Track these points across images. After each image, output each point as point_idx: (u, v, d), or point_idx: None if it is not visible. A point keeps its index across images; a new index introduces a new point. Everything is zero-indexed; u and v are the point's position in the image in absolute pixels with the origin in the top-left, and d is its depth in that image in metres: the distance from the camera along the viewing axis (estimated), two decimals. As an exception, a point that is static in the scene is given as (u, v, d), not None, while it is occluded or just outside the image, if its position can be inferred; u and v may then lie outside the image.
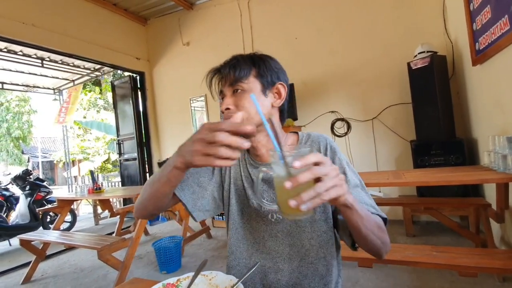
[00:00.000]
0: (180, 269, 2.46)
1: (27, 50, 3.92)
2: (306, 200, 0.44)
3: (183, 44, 4.38)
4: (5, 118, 11.14)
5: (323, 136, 0.79)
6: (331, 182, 0.45)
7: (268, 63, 0.75)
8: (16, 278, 2.71)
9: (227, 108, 0.72)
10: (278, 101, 0.77)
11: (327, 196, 0.45)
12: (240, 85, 0.71)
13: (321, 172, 0.45)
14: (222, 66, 0.74)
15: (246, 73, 0.72)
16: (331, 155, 0.74)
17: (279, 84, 0.76)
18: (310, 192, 0.44)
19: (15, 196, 4.32)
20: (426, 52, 2.51)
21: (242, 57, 0.74)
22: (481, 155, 2.24)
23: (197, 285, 0.60)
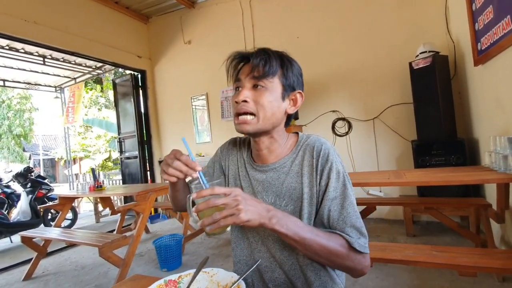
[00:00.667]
0: (181, 267, 2.47)
1: (28, 47, 3.93)
2: (206, 224, 0.55)
3: (184, 42, 4.39)
4: (7, 116, 11.17)
5: (319, 141, 0.74)
6: (227, 211, 0.54)
7: (294, 68, 0.74)
8: (17, 274, 2.73)
9: (244, 100, 0.70)
10: (293, 108, 0.76)
11: (223, 223, 0.54)
12: (265, 82, 0.69)
13: (215, 203, 0.55)
14: (253, 55, 0.71)
15: (275, 71, 0.70)
16: (322, 162, 0.70)
17: (297, 92, 0.75)
18: (208, 219, 0.55)
19: (17, 193, 4.34)
20: (428, 52, 2.50)
21: (273, 53, 0.72)
22: (482, 155, 2.24)
23: (198, 282, 0.61)
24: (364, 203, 2.36)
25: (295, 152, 0.75)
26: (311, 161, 0.71)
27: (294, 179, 0.72)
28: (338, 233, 0.64)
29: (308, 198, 0.69)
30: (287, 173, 0.73)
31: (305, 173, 0.71)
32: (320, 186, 0.69)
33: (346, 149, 3.24)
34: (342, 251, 0.62)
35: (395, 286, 1.79)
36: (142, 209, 2.47)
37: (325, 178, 0.68)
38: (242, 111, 0.70)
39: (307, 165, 0.72)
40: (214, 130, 4.27)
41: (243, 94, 0.70)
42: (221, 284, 0.59)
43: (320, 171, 0.69)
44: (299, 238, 0.59)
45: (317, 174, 0.70)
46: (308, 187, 0.70)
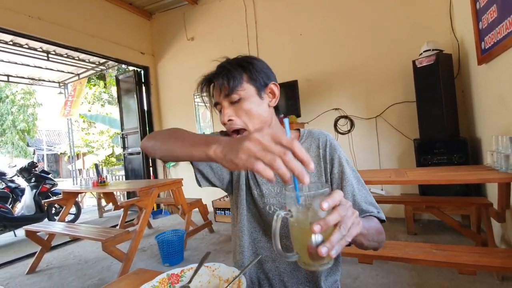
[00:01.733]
0: (183, 262, 2.50)
1: (32, 43, 3.95)
2: (335, 244, 0.40)
3: (187, 39, 4.38)
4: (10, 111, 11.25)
5: (323, 133, 0.79)
6: (350, 220, 0.43)
7: (256, 66, 0.74)
8: (21, 268, 2.77)
9: (229, 120, 0.72)
10: (274, 100, 0.77)
11: (349, 237, 0.42)
12: (237, 94, 0.71)
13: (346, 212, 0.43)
14: (214, 77, 0.74)
15: (239, 80, 0.71)
16: (330, 151, 0.75)
17: (272, 84, 0.76)
18: (337, 235, 0.41)
19: (21, 187, 4.39)
20: (432, 50, 2.49)
21: (230, 65, 0.73)
22: (484, 154, 2.23)
23: (200, 276, 0.62)
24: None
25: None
26: (318, 151, 0.76)
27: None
28: (368, 215, 0.69)
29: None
30: None
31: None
32: (333, 174, 0.74)
33: (348, 147, 3.24)
34: (380, 227, 0.68)
35: (395, 284, 1.80)
36: (145, 205, 2.50)
37: (337, 165, 0.74)
38: (233, 129, 0.72)
39: (314, 156, 0.76)
40: (216, 127, 4.29)
41: (226, 114, 0.72)
42: (223, 278, 0.60)
43: (330, 160, 0.75)
44: (366, 230, 0.57)
45: (326, 163, 0.75)
46: (316, 176, 0.75)
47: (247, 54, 0.79)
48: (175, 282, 0.61)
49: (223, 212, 3.66)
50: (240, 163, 0.42)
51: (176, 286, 0.60)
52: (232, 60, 0.75)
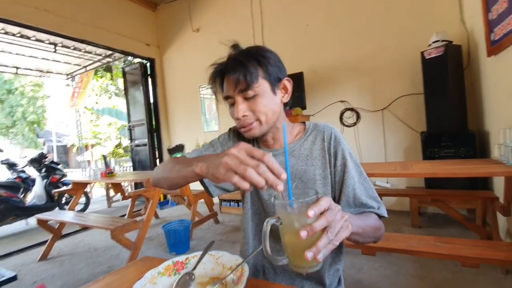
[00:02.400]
0: (189, 251, 2.56)
1: (40, 35, 3.98)
2: (322, 249, 0.42)
3: (193, 30, 4.36)
4: (20, 103, 11.45)
5: (328, 126, 0.80)
6: (338, 225, 0.45)
7: (271, 60, 0.72)
8: (33, 255, 2.87)
9: (244, 115, 0.71)
10: (286, 96, 0.77)
11: (337, 241, 0.44)
12: (253, 90, 0.69)
13: (333, 218, 0.45)
14: (229, 69, 0.70)
15: (256, 76, 0.69)
16: (334, 144, 0.75)
17: (285, 80, 0.76)
18: (323, 240, 0.43)
19: (32, 178, 4.50)
20: (441, 41, 2.43)
21: (246, 59, 0.70)
22: (492, 148, 2.20)
23: (204, 264, 0.64)
24: (370, 194, 2.37)
25: (303, 138, 0.79)
26: (323, 144, 0.76)
27: (304, 162, 0.76)
28: (368, 211, 0.71)
29: (322, 179, 0.75)
30: (297, 157, 0.77)
31: (316, 156, 0.76)
32: (336, 167, 0.74)
33: (353, 140, 3.22)
34: (378, 224, 0.69)
35: (398, 276, 1.82)
36: (152, 195, 2.55)
37: (340, 159, 0.74)
38: (246, 125, 0.72)
39: (318, 149, 0.76)
40: (222, 119, 4.30)
41: (240, 109, 0.70)
42: (226, 266, 0.62)
43: (334, 154, 0.75)
44: (362, 230, 0.60)
45: (330, 156, 0.75)
46: (321, 168, 0.75)
47: (258, 45, 0.76)
48: (180, 268, 0.63)
49: (228, 203, 3.70)
50: (220, 176, 0.48)
51: (181, 272, 0.62)
52: (246, 52, 0.72)
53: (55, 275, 2.36)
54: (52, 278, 2.30)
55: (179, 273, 0.62)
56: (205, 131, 4.47)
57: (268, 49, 0.75)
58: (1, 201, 3.65)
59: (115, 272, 0.71)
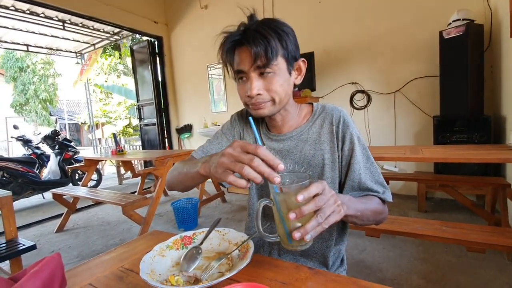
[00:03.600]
0: (197, 227, 2.64)
1: (48, 12, 3.95)
2: (310, 231, 0.46)
3: (201, 7, 4.24)
4: (32, 81, 11.59)
5: (337, 109, 0.76)
6: (329, 209, 0.48)
7: (290, 35, 0.67)
8: (50, 227, 3.03)
9: (258, 94, 0.67)
10: (299, 78, 0.74)
11: (327, 224, 0.47)
12: (271, 68, 0.64)
13: (323, 202, 0.47)
14: (249, 41, 0.63)
15: (276, 53, 0.64)
16: (343, 128, 0.73)
17: (301, 61, 0.72)
18: (313, 223, 0.46)
19: (46, 154, 4.65)
20: (462, 20, 2.30)
21: (268, 32, 0.63)
22: (508, 133, 2.13)
23: (211, 239, 0.65)
24: (377, 178, 2.36)
25: (311, 121, 0.77)
26: (331, 128, 0.74)
27: (313, 147, 0.74)
28: (372, 194, 0.71)
29: (330, 164, 0.73)
30: (306, 141, 0.75)
31: (324, 140, 0.74)
32: (343, 151, 0.73)
33: (363, 123, 3.17)
34: (380, 208, 0.69)
35: (400, 257, 1.84)
36: (161, 173, 2.60)
37: (348, 143, 0.72)
38: (258, 104, 0.68)
39: (327, 132, 0.74)
40: (230, 100, 4.27)
41: (254, 87, 0.65)
42: (232, 242, 0.63)
43: (342, 137, 0.73)
44: (360, 213, 0.62)
45: (338, 140, 0.73)
46: (330, 153, 0.73)
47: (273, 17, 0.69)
48: (187, 243, 0.64)
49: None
50: (218, 176, 0.50)
51: (188, 247, 0.64)
52: (265, 24, 0.65)
53: (71, 245, 2.49)
54: (68, 249, 2.43)
55: (186, 247, 0.63)
56: (213, 112, 4.46)
57: (286, 23, 0.68)
58: (19, 175, 3.80)
59: (126, 244, 0.74)
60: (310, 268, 0.55)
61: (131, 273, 0.59)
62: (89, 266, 0.64)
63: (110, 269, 0.62)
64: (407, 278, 1.62)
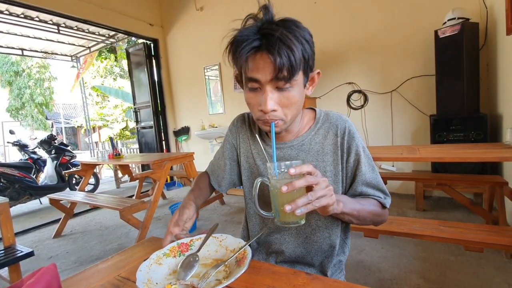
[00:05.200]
0: (195, 231, 2.64)
1: (43, 16, 3.93)
2: (300, 206, 0.48)
3: (196, 9, 4.24)
4: (28, 85, 11.53)
5: (342, 119, 0.73)
6: (321, 191, 0.50)
7: (310, 42, 0.60)
8: (48, 232, 3.01)
9: (273, 110, 0.61)
10: (310, 89, 0.69)
11: (317, 203, 0.49)
12: (291, 82, 0.59)
13: (314, 181, 0.49)
14: (273, 51, 0.55)
15: (299, 67, 0.58)
16: (348, 140, 0.71)
17: (316, 73, 0.68)
18: (303, 199, 0.48)
19: (43, 159, 4.61)
20: (457, 19, 2.31)
21: (292, 41, 0.55)
22: (504, 132, 2.14)
23: (208, 246, 0.65)
24: (375, 177, 2.36)
25: (313, 130, 0.73)
26: (335, 139, 0.71)
27: (315, 158, 0.71)
28: (371, 197, 0.71)
29: (333, 176, 0.72)
30: (307, 152, 0.72)
31: (328, 151, 0.72)
32: (349, 163, 0.72)
33: (360, 123, 3.17)
34: (379, 210, 0.70)
35: (400, 257, 1.85)
36: (158, 177, 2.59)
37: (353, 154, 0.71)
38: (271, 121, 0.62)
39: (330, 144, 0.72)
40: (227, 101, 4.26)
41: (269, 103, 0.59)
42: (229, 249, 0.63)
43: (347, 149, 0.71)
44: (356, 212, 0.63)
45: (343, 152, 0.71)
46: (332, 165, 0.71)
47: (290, 17, 0.61)
48: (184, 250, 0.64)
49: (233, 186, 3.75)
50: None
51: (186, 254, 0.63)
52: (290, 31, 0.56)
53: (69, 251, 2.47)
54: (66, 254, 2.41)
55: (183, 255, 0.63)
56: (211, 113, 4.46)
57: (307, 29, 0.61)
58: (16, 180, 3.77)
59: (123, 252, 0.74)
60: (307, 274, 0.55)
61: (128, 282, 0.59)
62: (85, 276, 0.63)
63: (107, 278, 0.61)
64: (406, 277, 1.62)
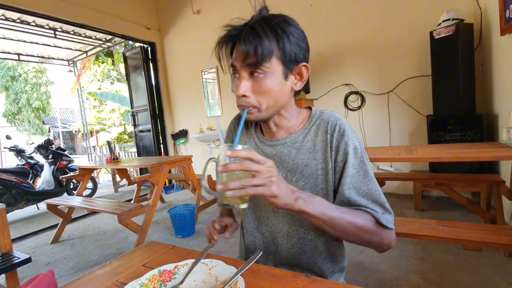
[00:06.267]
0: (194, 235, 2.62)
1: (39, 20, 3.92)
2: (231, 188, 0.48)
3: (193, 12, 4.25)
4: (24, 89, 11.48)
5: (334, 116, 0.70)
6: (260, 180, 0.49)
7: (292, 36, 0.62)
8: (45, 238, 2.98)
9: (244, 95, 0.63)
10: (299, 84, 0.68)
11: (252, 191, 0.49)
12: (261, 69, 0.61)
13: (250, 167, 0.49)
14: (240, 37, 0.61)
15: (270, 52, 0.60)
16: (337, 137, 0.67)
17: (302, 65, 0.66)
18: (236, 183, 0.48)
19: (40, 164, 4.59)
20: (452, 20, 2.33)
21: (263, 29, 0.60)
22: (500, 131, 2.16)
23: (195, 274, 0.55)
24: (374, 178, 2.36)
25: (307, 127, 0.72)
26: (325, 136, 0.68)
27: (306, 155, 0.70)
28: (364, 209, 0.62)
29: (324, 174, 0.68)
30: (299, 149, 0.71)
31: (318, 149, 0.69)
32: (337, 162, 0.67)
33: (358, 124, 3.18)
34: (370, 226, 0.60)
35: (399, 258, 1.85)
36: (157, 181, 2.58)
37: (341, 154, 0.66)
38: (243, 107, 0.65)
39: (321, 141, 0.69)
40: (225, 104, 4.27)
41: (241, 87, 0.63)
42: (219, 279, 0.53)
43: (336, 147, 0.67)
44: (327, 217, 0.57)
45: (332, 150, 0.67)
46: (323, 163, 0.68)
47: (284, 14, 0.65)
48: (166, 280, 0.54)
49: (232, 187, 3.74)
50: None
51: (167, 284, 0.53)
52: (266, 21, 0.61)
53: (67, 256, 2.45)
54: (64, 260, 2.39)
55: (165, 285, 0.53)
56: (209, 116, 4.45)
57: (295, 22, 0.64)
58: (13, 186, 3.74)
59: (121, 257, 0.73)
60: (307, 276, 0.55)
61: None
62: (83, 282, 0.63)
63: (105, 283, 0.61)
64: (406, 278, 1.62)
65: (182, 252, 0.72)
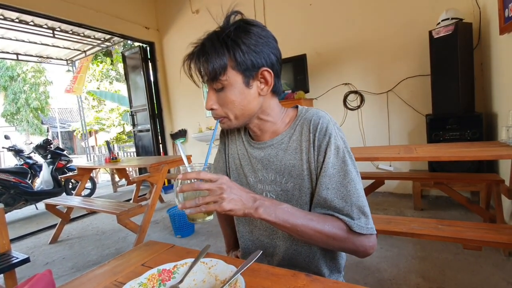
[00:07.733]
0: (193, 234, 2.62)
1: (38, 20, 3.91)
2: (187, 207, 0.54)
3: (192, 12, 4.24)
4: (23, 89, 11.44)
5: (317, 114, 0.68)
6: (210, 198, 0.54)
7: (245, 46, 0.61)
8: (44, 238, 2.97)
9: (211, 108, 0.67)
10: (266, 88, 0.67)
11: (205, 208, 0.54)
12: (219, 82, 0.63)
13: (199, 187, 0.54)
14: (193, 58, 0.65)
15: (222, 66, 0.61)
16: (319, 137, 0.65)
17: (263, 70, 0.65)
18: (191, 201, 0.54)
19: (38, 164, 4.57)
20: (451, 19, 2.33)
21: (212, 45, 0.62)
22: (499, 130, 2.16)
23: (195, 273, 0.55)
24: (373, 177, 2.37)
25: (292, 127, 0.71)
26: (308, 135, 0.67)
27: (293, 156, 0.69)
28: (336, 215, 0.61)
29: (309, 175, 0.67)
30: (285, 150, 0.70)
31: (303, 148, 0.68)
32: (318, 162, 0.65)
33: (357, 123, 3.18)
34: (340, 234, 0.59)
35: (399, 257, 1.85)
36: (156, 180, 2.57)
37: (322, 153, 0.64)
38: (215, 118, 0.70)
39: (305, 141, 0.68)
40: (224, 104, 4.25)
41: (209, 102, 0.67)
42: (219, 278, 0.53)
43: (318, 147, 0.65)
44: (290, 225, 0.58)
45: (314, 149, 0.66)
46: (308, 163, 0.67)
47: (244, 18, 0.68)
48: (166, 279, 0.54)
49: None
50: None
51: (167, 283, 0.53)
52: (216, 36, 0.64)
53: (66, 257, 2.44)
54: (63, 260, 2.38)
55: (164, 285, 0.53)
56: (207, 116, 4.45)
57: (250, 29, 0.63)
58: (11, 186, 3.73)
59: (120, 257, 0.73)
60: (307, 275, 0.54)
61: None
62: (82, 281, 0.62)
63: (104, 283, 0.60)
64: (406, 277, 1.62)
65: (181, 251, 0.72)
